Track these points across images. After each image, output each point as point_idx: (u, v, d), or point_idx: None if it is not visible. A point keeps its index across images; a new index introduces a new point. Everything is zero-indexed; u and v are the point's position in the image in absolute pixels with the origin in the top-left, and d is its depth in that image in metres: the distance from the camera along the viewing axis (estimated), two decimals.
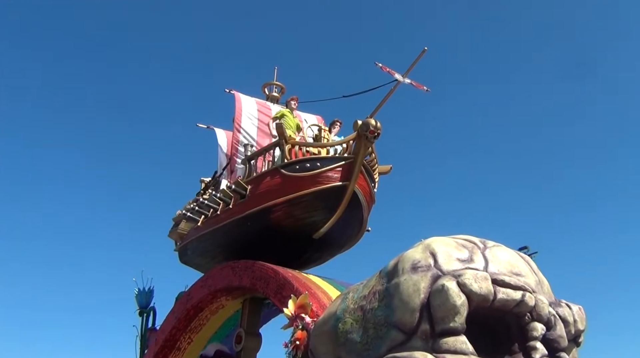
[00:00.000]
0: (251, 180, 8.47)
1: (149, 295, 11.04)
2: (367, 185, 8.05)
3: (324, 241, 8.23)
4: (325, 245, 8.43)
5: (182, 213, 10.45)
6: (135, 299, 11.07)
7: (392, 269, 4.86)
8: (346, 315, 5.02)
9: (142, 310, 10.92)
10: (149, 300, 11.04)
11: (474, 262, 4.72)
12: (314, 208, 7.79)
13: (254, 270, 7.69)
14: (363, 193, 7.92)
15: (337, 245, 8.66)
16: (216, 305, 8.95)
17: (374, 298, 4.87)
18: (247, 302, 8.85)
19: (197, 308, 9.00)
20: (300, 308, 6.03)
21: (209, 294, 8.72)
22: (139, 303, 10.99)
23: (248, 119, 10.05)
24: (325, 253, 8.80)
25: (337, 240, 8.49)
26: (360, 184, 7.86)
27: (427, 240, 5.00)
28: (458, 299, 4.22)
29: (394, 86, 7.55)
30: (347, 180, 7.65)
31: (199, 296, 8.85)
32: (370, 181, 8.17)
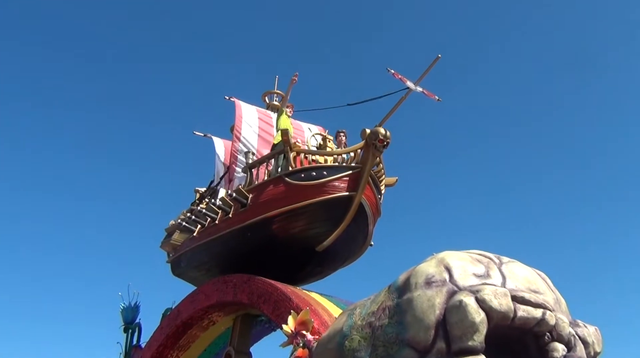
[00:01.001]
0: (253, 188, 8.30)
1: (135, 311, 10.81)
2: (373, 197, 7.90)
3: (326, 255, 8.04)
4: (328, 259, 8.24)
5: (176, 223, 10.28)
6: (120, 314, 10.84)
7: (403, 284, 4.69)
8: (353, 332, 4.84)
9: (128, 326, 10.68)
10: (134, 315, 10.81)
11: (490, 278, 4.58)
12: (318, 218, 7.62)
13: (251, 284, 7.50)
14: (369, 205, 7.77)
15: (340, 259, 8.47)
16: (207, 321, 8.74)
17: (384, 315, 4.69)
18: (239, 319, 8.64)
19: (186, 324, 8.78)
20: (301, 324, 5.84)
21: (200, 310, 8.51)
22: (125, 319, 10.75)
23: (249, 127, 9.93)
24: (327, 268, 8.61)
25: (340, 254, 8.31)
26: (367, 195, 7.71)
27: (440, 254, 4.85)
28: (477, 316, 4.05)
29: (405, 93, 7.44)
30: (354, 190, 7.50)
31: (189, 312, 8.63)
32: (377, 192, 8.02)
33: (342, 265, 8.77)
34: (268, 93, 11.44)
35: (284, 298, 6.63)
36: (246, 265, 8.08)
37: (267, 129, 10.11)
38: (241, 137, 9.70)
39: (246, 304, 7.56)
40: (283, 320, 6.19)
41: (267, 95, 11.42)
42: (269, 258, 8.11)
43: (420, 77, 7.42)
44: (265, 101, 11.37)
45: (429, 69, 7.30)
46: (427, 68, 7.31)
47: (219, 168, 10.94)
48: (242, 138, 9.68)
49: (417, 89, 7.44)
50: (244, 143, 9.67)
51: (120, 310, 10.80)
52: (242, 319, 8.60)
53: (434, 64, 7.26)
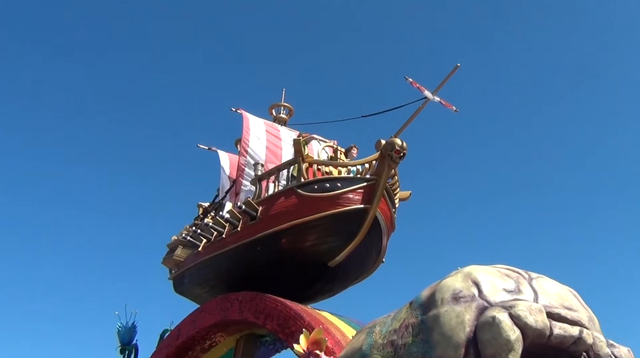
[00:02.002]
0: (263, 201, 8.10)
1: (131, 331, 10.54)
2: (388, 210, 7.71)
3: (338, 271, 7.82)
4: (339, 275, 8.01)
5: (178, 238, 10.09)
6: (117, 335, 10.56)
7: (427, 300, 4.48)
8: (374, 351, 4.61)
9: (124, 347, 10.41)
10: (131, 336, 10.54)
11: (522, 293, 4.37)
12: (331, 232, 7.42)
13: (258, 302, 7.26)
14: (384, 219, 7.57)
15: (352, 275, 8.25)
16: (209, 342, 8.49)
17: (407, 333, 4.48)
18: (243, 339, 8.38)
19: (187, 345, 8.52)
20: (314, 344, 5.61)
21: (202, 329, 8.27)
22: (121, 340, 10.48)
23: (257, 139, 9.79)
24: (338, 285, 8.38)
25: (352, 270, 8.08)
26: (382, 208, 7.52)
27: (466, 268, 4.65)
28: (512, 333, 3.83)
29: (422, 104, 7.30)
30: (369, 203, 7.31)
31: (191, 331, 8.38)
32: (392, 206, 7.84)
33: (353, 282, 8.55)
34: (275, 106, 11.36)
35: (295, 316, 6.39)
36: (253, 281, 7.85)
37: (275, 142, 9.97)
38: (249, 149, 9.54)
39: (252, 323, 7.32)
40: (294, 340, 5.97)
41: (274, 108, 11.34)
42: (277, 274, 7.89)
43: (438, 86, 7.30)
44: (272, 114, 11.27)
45: (447, 78, 7.18)
46: (445, 77, 7.18)
47: (224, 181, 10.77)
48: (249, 151, 9.52)
49: (434, 99, 7.29)
50: (252, 155, 9.50)
51: (116, 331, 10.54)
52: (246, 339, 8.34)
53: (453, 73, 7.13)
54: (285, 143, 10.01)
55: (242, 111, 10.27)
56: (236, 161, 10.94)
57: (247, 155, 9.52)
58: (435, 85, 7.40)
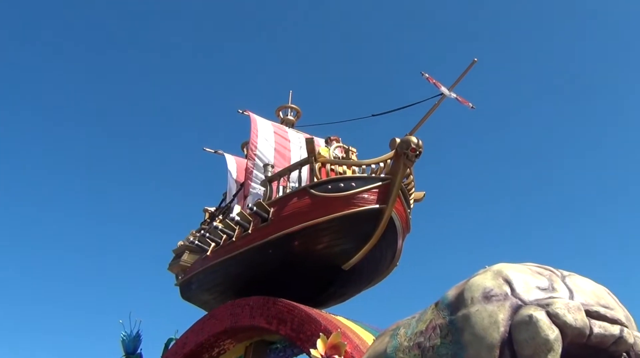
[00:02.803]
0: (275, 202, 7.92)
1: (136, 340, 10.38)
2: (404, 211, 7.52)
3: (351, 274, 7.63)
4: (353, 278, 7.82)
5: (185, 243, 9.91)
6: (121, 344, 10.38)
7: (455, 299, 4.27)
8: (399, 353, 4.39)
9: (129, 357, 10.22)
10: (136, 345, 10.37)
11: (556, 291, 4.16)
12: (345, 233, 7.24)
13: (270, 307, 7.07)
14: (400, 219, 7.38)
15: (366, 279, 8.05)
16: (217, 349, 8.30)
17: (434, 334, 4.26)
18: (252, 347, 8.18)
19: (194, 353, 8.33)
20: (332, 348, 5.42)
21: (211, 337, 8.08)
22: (126, 349, 10.32)
23: (265, 141, 9.63)
24: (351, 288, 8.18)
25: (367, 273, 7.88)
26: (397, 209, 7.34)
27: (495, 266, 4.46)
28: (551, 333, 3.62)
29: (438, 100, 7.13)
30: (384, 203, 7.12)
31: (199, 339, 8.18)
32: (407, 206, 7.65)
33: (367, 286, 8.34)
34: (282, 108, 11.27)
35: (310, 320, 6.19)
36: (264, 285, 7.67)
37: (283, 143, 9.81)
38: (257, 151, 9.37)
39: (264, 328, 7.12)
40: (310, 344, 5.77)
41: (281, 110, 11.22)
42: (289, 278, 7.70)
43: (454, 82, 7.12)
44: (280, 116, 11.14)
45: (464, 73, 7.02)
46: (462, 73, 7.01)
47: (232, 185, 10.63)
48: (258, 153, 9.35)
49: (451, 96, 7.12)
50: (260, 157, 9.33)
51: (120, 340, 10.35)
52: (256, 347, 8.15)
53: (470, 69, 6.96)
54: (293, 145, 9.86)
55: (249, 113, 10.13)
56: (243, 165, 10.80)
57: (255, 157, 9.35)
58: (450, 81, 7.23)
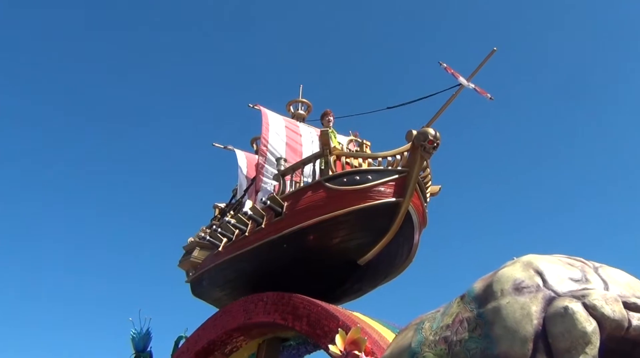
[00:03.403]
0: (289, 196, 7.78)
1: (146, 338, 10.25)
2: (420, 204, 7.38)
3: (367, 269, 7.49)
4: (368, 274, 7.67)
5: (195, 239, 9.79)
6: (131, 342, 10.26)
7: (483, 292, 4.14)
8: (424, 348, 4.27)
9: (139, 355, 10.11)
10: (146, 343, 10.24)
11: (590, 282, 4.03)
12: (361, 227, 7.10)
13: (285, 302, 6.93)
14: (417, 213, 7.23)
15: (382, 274, 7.90)
16: (230, 347, 8.17)
17: (462, 328, 4.13)
18: (265, 344, 8.07)
19: (207, 350, 8.19)
20: (352, 344, 5.25)
21: (223, 334, 7.94)
22: (135, 347, 10.20)
23: (276, 135, 9.48)
24: (367, 284, 8.03)
25: (382, 269, 7.74)
26: (414, 202, 7.20)
27: (524, 258, 4.33)
28: (588, 325, 3.49)
29: (456, 91, 6.97)
30: (401, 196, 6.98)
31: (211, 336, 8.04)
32: (424, 200, 7.50)
33: (382, 282, 8.19)
34: (293, 102, 11.14)
35: (327, 315, 6.05)
36: (278, 281, 7.53)
37: (295, 138, 9.67)
38: (268, 146, 9.23)
39: (279, 325, 6.98)
40: (327, 340, 5.63)
41: (292, 104, 11.10)
42: (304, 274, 7.55)
43: (473, 72, 6.96)
44: (290, 111, 11.01)
45: (483, 63, 6.85)
46: (481, 62, 6.85)
47: (242, 181, 10.50)
48: (269, 147, 9.20)
49: (469, 86, 6.96)
50: (272, 151, 9.19)
51: (130, 338, 10.23)
52: (269, 344, 8.04)
53: (489, 58, 6.80)
54: (305, 139, 9.72)
55: (260, 107, 10.00)
56: (254, 160, 10.69)
57: (266, 152, 9.20)
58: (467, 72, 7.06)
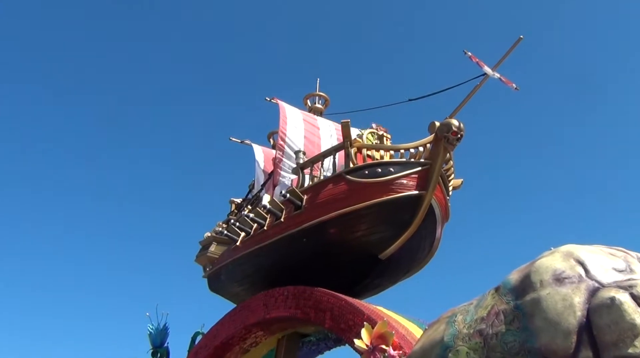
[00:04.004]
0: (308, 189, 7.63)
1: (163, 334, 10.11)
2: (443, 197, 7.19)
3: (388, 264, 7.31)
4: (390, 269, 7.49)
5: (211, 235, 9.68)
6: (148, 337, 10.13)
7: (520, 283, 3.97)
8: (458, 341, 4.11)
9: (156, 350, 9.97)
10: (163, 339, 10.10)
11: (635, 273, 3.85)
12: (383, 221, 6.92)
13: (307, 296, 6.78)
14: (439, 206, 7.05)
15: (403, 269, 7.71)
16: (249, 342, 8.03)
17: (498, 320, 3.97)
18: (285, 339, 7.93)
19: (225, 345, 8.04)
20: (379, 338, 5.08)
21: (242, 329, 7.80)
22: (153, 343, 10.06)
23: (294, 128, 9.33)
24: (387, 279, 7.85)
25: (404, 263, 7.55)
26: (437, 195, 7.01)
27: (564, 248, 4.16)
28: (637, 316, 3.30)
29: (480, 80, 6.77)
30: (424, 189, 6.80)
31: (230, 331, 7.91)
32: (446, 193, 7.31)
33: (403, 277, 7.99)
34: (310, 96, 11.03)
35: (352, 309, 5.89)
36: (296, 276, 7.37)
37: (313, 131, 9.52)
38: (286, 139, 9.07)
39: (301, 319, 6.82)
40: (352, 334, 5.47)
41: (309, 98, 10.97)
42: (324, 268, 7.38)
43: (498, 61, 6.76)
44: (307, 105, 10.88)
45: (509, 52, 6.64)
46: (507, 51, 6.64)
47: (259, 175, 10.37)
48: (287, 140, 9.05)
49: (494, 76, 6.76)
50: (290, 145, 9.03)
51: (148, 333, 10.11)
52: (288, 339, 7.91)
53: (515, 47, 6.59)
54: (323, 133, 9.56)
55: (277, 101, 9.86)
56: (271, 155, 10.56)
57: (284, 146, 9.05)
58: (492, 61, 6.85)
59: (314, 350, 8.17)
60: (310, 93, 11.06)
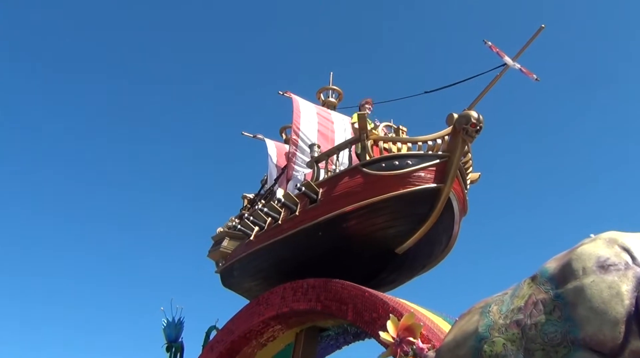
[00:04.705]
0: (324, 182, 7.45)
1: (178, 328, 9.88)
2: (461, 191, 7.00)
3: (405, 259, 7.12)
4: (406, 264, 7.30)
5: (225, 229, 9.49)
6: (163, 332, 9.90)
7: (560, 271, 3.77)
8: (493, 333, 3.92)
9: (171, 345, 9.74)
10: (178, 333, 9.87)
11: None
12: (400, 214, 6.73)
13: (329, 288, 6.56)
14: (457, 200, 6.86)
15: (419, 264, 7.52)
16: (267, 336, 7.82)
17: (537, 310, 3.77)
18: (303, 333, 7.72)
19: (242, 339, 7.84)
20: (406, 330, 4.88)
21: (260, 322, 7.58)
22: (168, 337, 9.83)
23: (308, 122, 9.14)
24: (403, 275, 7.66)
25: (420, 258, 7.37)
26: (455, 189, 6.83)
27: (605, 234, 3.95)
28: None
29: (500, 71, 6.59)
30: (442, 182, 6.62)
31: (247, 325, 7.72)
32: (464, 186, 7.12)
33: (419, 272, 7.81)
34: (323, 89, 10.82)
35: (376, 301, 5.69)
36: (311, 271, 7.18)
37: (327, 125, 9.33)
38: (300, 133, 8.89)
39: (320, 312, 6.62)
40: (376, 327, 5.28)
41: (323, 91, 10.78)
42: (338, 263, 7.20)
43: (519, 51, 6.57)
44: (321, 99, 10.68)
45: (530, 41, 6.46)
46: (528, 41, 6.45)
47: (272, 170, 10.20)
48: (301, 134, 8.86)
49: (515, 66, 6.57)
50: (304, 139, 8.84)
51: (162, 327, 9.88)
52: (307, 333, 7.69)
53: (537, 36, 6.40)
54: (337, 127, 9.37)
55: (291, 94, 9.67)
56: (284, 149, 10.39)
57: (298, 140, 8.86)
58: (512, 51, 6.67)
59: (332, 345, 7.96)
60: (324, 87, 10.84)
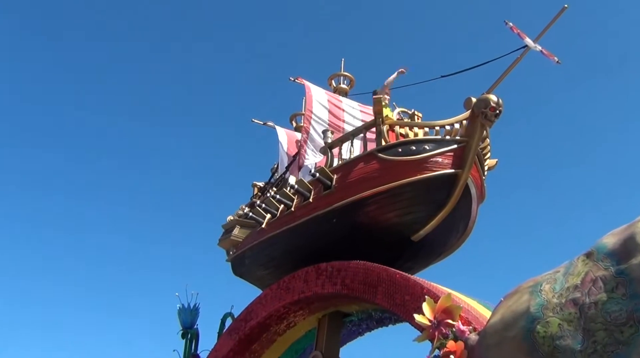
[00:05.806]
0: (338, 168, 7.13)
1: (194, 314, 9.49)
2: (479, 177, 6.74)
3: (421, 246, 6.81)
4: (422, 251, 6.99)
5: (234, 218, 9.16)
6: (178, 317, 9.50)
7: (621, 246, 3.53)
8: (547, 312, 3.66)
9: (186, 331, 9.36)
10: (194, 319, 9.48)
11: None
12: (417, 201, 6.42)
13: (355, 271, 6.19)
14: (475, 186, 6.60)
15: (436, 252, 7.23)
16: (287, 322, 7.50)
17: (596, 288, 3.52)
18: (326, 319, 7.39)
19: (262, 325, 7.49)
20: (443, 312, 4.62)
21: (281, 307, 7.22)
22: (183, 323, 9.43)
23: (320, 108, 8.80)
24: (419, 262, 7.33)
25: (437, 246, 7.07)
26: (473, 174, 6.55)
27: None
28: None
29: (521, 53, 6.33)
30: (460, 168, 6.33)
31: (267, 310, 7.34)
32: (482, 172, 6.86)
33: (435, 260, 7.49)
34: (335, 76, 10.47)
35: (407, 283, 5.35)
36: (325, 259, 6.81)
37: (337, 113, 9.00)
38: (312, 120, 8.55)
39: (345, 295, 6.29)
40: (409, 309, 5.00)
41: (334, 78, 10.44)
42: (354, 251, 6.81)
43: (541, 32, 6.30)
44: (332, 85, 10.34)
45: (552, 22, 6.19)
46: (550, 21, 6.19)
47: (283, 157, 9.88)
48: (313, 120, 8.52)
49: (536, 48, 6.32)
50: (316, 125, 8.51)
51: (177, 313, 9.48)
52: (330, 318, 7.35)
53: (559, 16, 6.15)
54: (347, 114, 9.06)
55: (303, 81, 9.33)
56: (294, 137, 10.09)
57: (310, 126, 8.52)
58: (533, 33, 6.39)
59: (354, 331, 7.64)
60: (335, 73, 10.48)
